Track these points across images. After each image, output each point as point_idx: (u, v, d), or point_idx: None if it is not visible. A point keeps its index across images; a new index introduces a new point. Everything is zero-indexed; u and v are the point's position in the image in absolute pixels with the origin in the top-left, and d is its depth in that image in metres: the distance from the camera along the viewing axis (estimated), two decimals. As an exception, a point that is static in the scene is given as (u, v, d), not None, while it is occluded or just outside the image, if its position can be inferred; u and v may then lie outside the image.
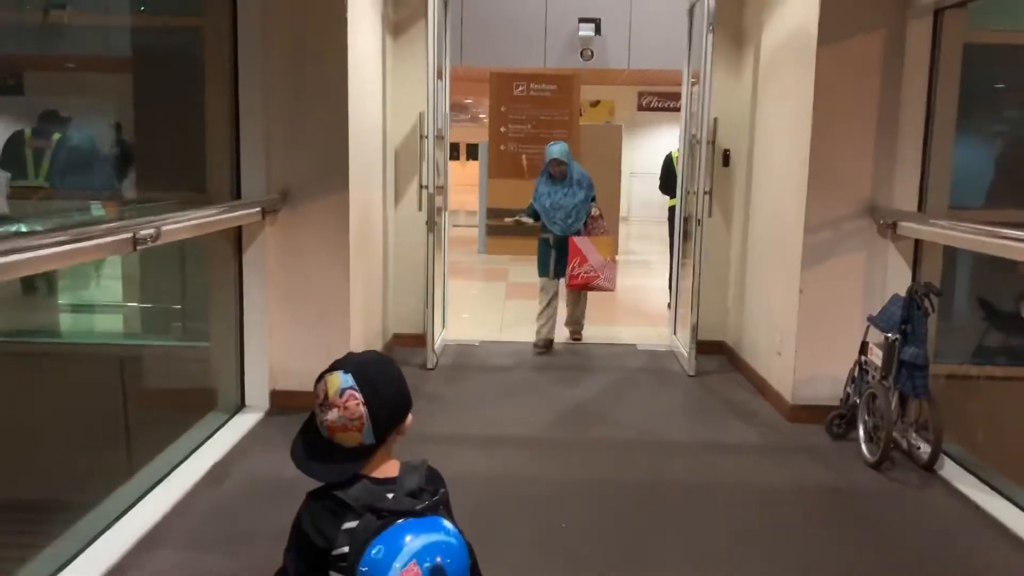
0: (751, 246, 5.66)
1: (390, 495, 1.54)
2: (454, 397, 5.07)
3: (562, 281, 6.22)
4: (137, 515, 3.29)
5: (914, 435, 4.08)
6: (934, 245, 4.41)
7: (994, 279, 4.96)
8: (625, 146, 13.63)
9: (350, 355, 1.70)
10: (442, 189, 5.83)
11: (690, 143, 6.03)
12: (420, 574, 1.45)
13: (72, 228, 2.71)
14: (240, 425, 4.40)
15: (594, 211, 6.18)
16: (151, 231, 2.98)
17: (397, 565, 1.43)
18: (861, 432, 4.15)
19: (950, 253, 4.56)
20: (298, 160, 4.54)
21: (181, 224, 3.32)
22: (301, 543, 1.56)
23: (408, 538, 1.47)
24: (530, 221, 6.28)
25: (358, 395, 1.58)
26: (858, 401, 4.27)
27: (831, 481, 3.89)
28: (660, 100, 19.39)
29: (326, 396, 1.59)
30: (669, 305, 6.98)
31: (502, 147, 12.11)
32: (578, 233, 6.08)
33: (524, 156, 12.15)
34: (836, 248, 4.57)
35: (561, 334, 6.53)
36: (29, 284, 4.57)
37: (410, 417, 1.70)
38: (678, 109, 19.86)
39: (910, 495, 3.75)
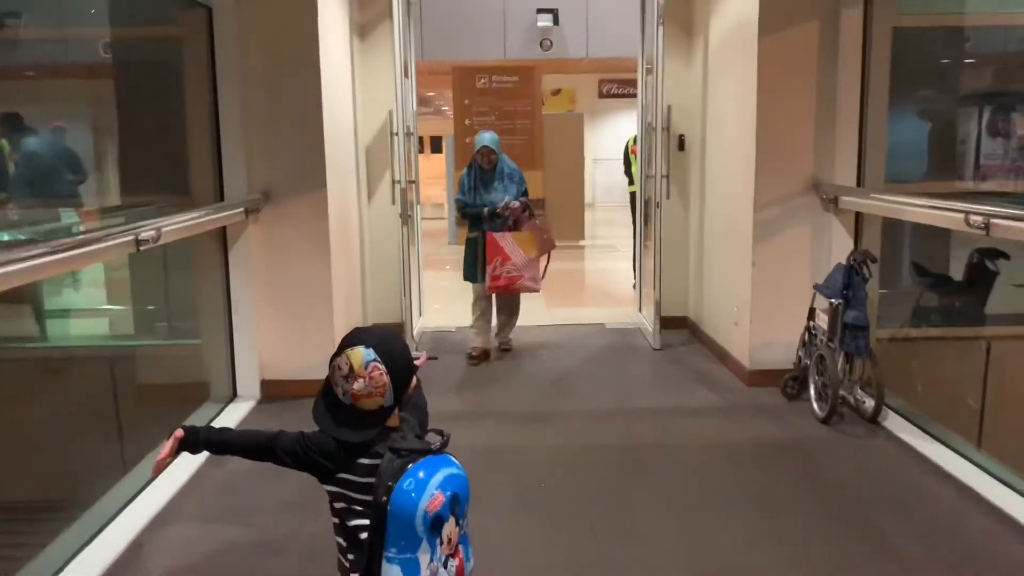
0: (707, 225, 6.01)
1: (402, 439, 1.84)
2: (435, 378, 5.36)
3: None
4: (149, 497, 3.56)
5: (859, 392, 4.45)
6: (874, 216, 4.77)
7: (927, 246, 5.34)
8: (587, 133, 13.98)
9: (359, 331, 1.96)
10: (413, 184, 6.09)
11: (647, 130, 6.34)
12: (444, 501, 1.75)
13: (80, 235, 2.96)
14: (234, 413, 4.66)
15: (513, 203, 5.53)
16: (152, 233, 3.23)
17: (427, 494, 1.73)
18: (812, 391, 4.52)
19: (889, 223, 4.93)
20: (277, 162, 4.80)
21: (178, 225, 3.58)
22: (307, 453, 1.85)
23: (426, 472, 1.77)
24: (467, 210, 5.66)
25: (381, 366, 1.85)
26: (808, 363, 4.63)
27: (786, 436, 4.25)
28: (620, 87, 19.69)
29: (351, 368, 1.83)
30: (634, 286, 7.31)
31: (468, 140, 12.38)
32: (505, 230, 5.54)
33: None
34: (784, 223, 4.92)
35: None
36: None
37: (415, 379, 1.99)
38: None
39: (857, 444, 4.12)
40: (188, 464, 3.90)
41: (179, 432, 1.92)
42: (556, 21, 11.91)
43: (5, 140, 4.88)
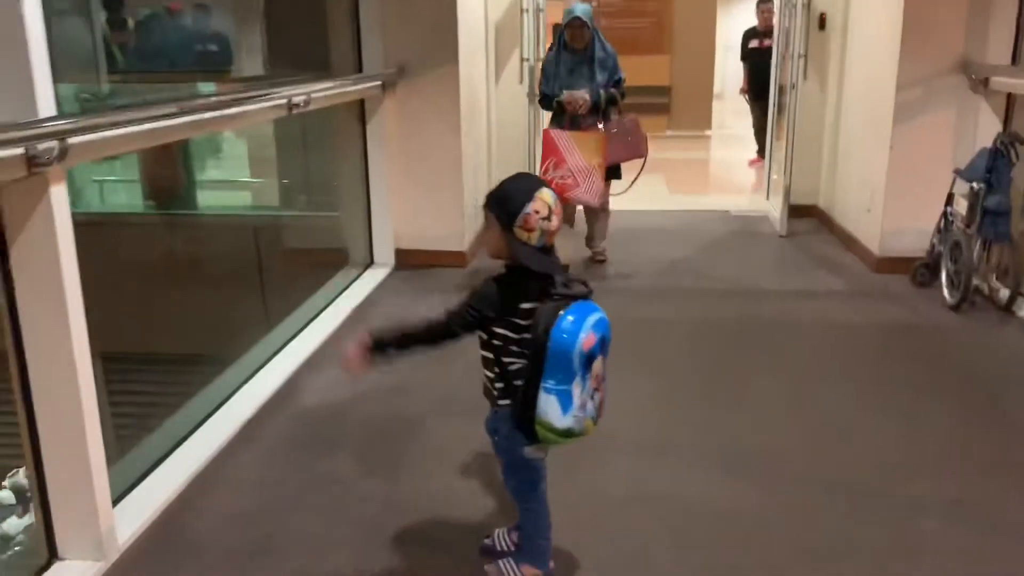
0: (845, 109, 5.80)
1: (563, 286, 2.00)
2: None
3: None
4: (300, 343, 3.91)
5: (995, 280, 4.33)
6: (1027, 98, 4.51)
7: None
8: (720, 19, 13.37)
9: (525, 178, 2.09)
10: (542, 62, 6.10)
11: (785, 5, 6.09)
12: (595, 340, 1.92)
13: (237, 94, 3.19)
14: (371, 279, 4.97)
15: (580, 94, 4.79)
16: (304, 97, 3.44)
17: (583, 332, 1.89)
18: (944, 278, 4.42)
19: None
20: (412, 37, 4.91)
21: (326, 92, 3.78)
22: (479, 317, 2.01)
23: (579, 315, 1.92)
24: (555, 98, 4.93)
25: (559, 203, 2.02)
26: (943, 251, 4.52)
27: (912, 319, 4.21)
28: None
29: (550, 209, 1.97)
30: (753, 160, 7.22)
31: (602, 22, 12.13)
32: (587, 128, 4.86)
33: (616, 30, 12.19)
34: (927, 105, 4.72)
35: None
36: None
37: None
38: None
39: (987, 331, 4.05)
40: (335, 316, 4.25)
41: (364, 336, 2.10)
42: None
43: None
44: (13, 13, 1.87)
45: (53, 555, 2.25)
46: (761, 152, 8.60)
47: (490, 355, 2.07)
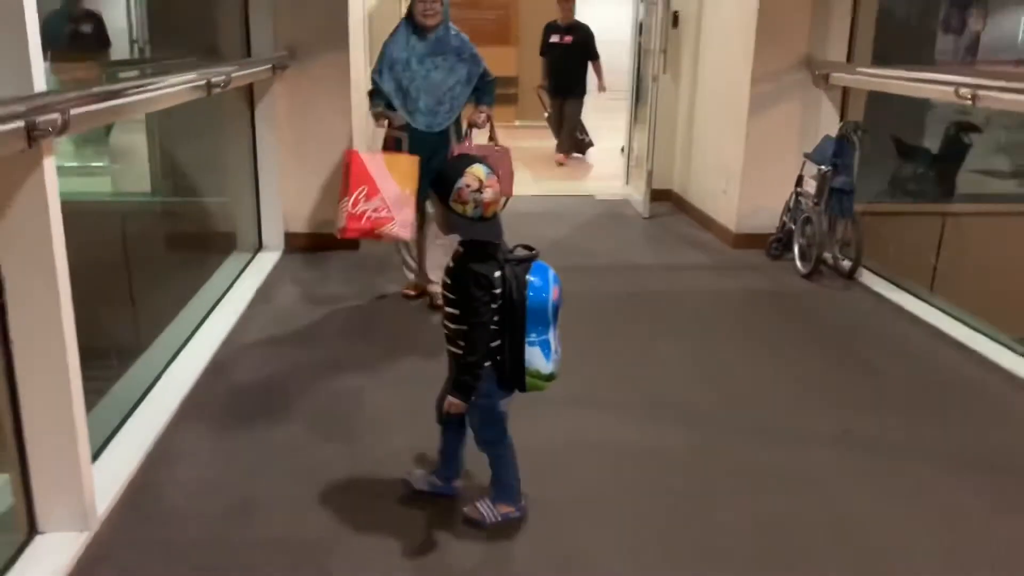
0: (699, 101, 6.35)
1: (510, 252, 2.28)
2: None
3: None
4: (212, 326, 3.91)
5: (838, 252, 4.96)
6: (859, 93, 5.17)
7: (904, 123, 5.80)
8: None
9: (462, 156, 2.35)
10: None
11: (645, 5, 6.57)
12: (559, 292, 2.25)
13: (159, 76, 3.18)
14: (264, 262, 4.98)
15: (480, 115, 4.06)
16: (223, 79, 3.47)
17: (551, 286, 2.23)
18: (796, 251, 5.01)
19: (870, 99, 5.34)
20: (302, 19, 4.95)
21: (240, 73, 3.81)
22: (483, 289, 2.19)
23: (541, 274, 2.26)
24: (383, 117, 4.00)
25: (494, 175, 2.23)
26: (793, 227, 5.11)
27: (773, 286, 4.77)
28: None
29: (480, 182, 2.18)
30: (623, 150, 7.69)
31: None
32: (449, 135, 4.05)
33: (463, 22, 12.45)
34: (777, 98, 5.30)
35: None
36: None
37: None
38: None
39: (837, 294, 4.66)
40: (237, 301, 4.27)
41: (456, 404, 2.25)
42: None
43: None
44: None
45: (33, 530, 2.25)
46: (562, 147, 8.88)
47: (463, 327, 2.25)
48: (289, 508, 2.50)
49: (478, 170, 2.20)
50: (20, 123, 1.89)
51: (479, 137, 4.19)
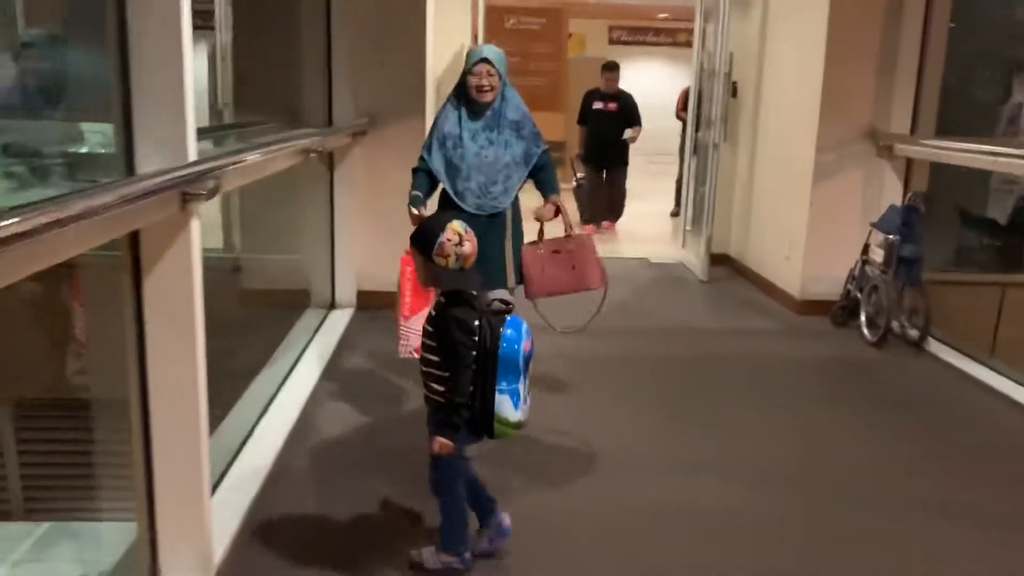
0: (759, 167, 6.46)
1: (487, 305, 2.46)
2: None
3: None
4: (296, 380, 4.04)
5: (905, 320, 4.98)
6: (922, 163, 5.25)
7: (970, 194, 5.85)
8: (608, 79, 14.19)
9: (439, 214, 2.56)
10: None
11: (705, 75, 6.74)
12: (530, 344, 2.39)
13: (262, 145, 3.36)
14: (338, 319, 5.12)
15: (549, 208, 3.57)
16: (319, 145, 3.65)
17: (523, 339, 2.36)
18: (863, 318, 5.04)
19: (934, 170, 5.40)
20: (382, 87, 5.17)
21: (331, 140, 4.00)
22: (465, 334, 2.31)
23: (515, 326, 2.37)
24: (417, 209, 3.40)
25: (470, 231, 2.38)
26: (859, 295, 5.15)
27: (842, 354, 4.79)
28: (629, 34, 19.87)
29: (460, 236, 2.33)
30: (673, 213, 7.75)
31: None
32: (504, 220, 3.55)
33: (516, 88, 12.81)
34: (841, 167, 5.39)
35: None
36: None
37: None
38: (648, 43, 20.15)
39: (906, 363, 4.67)
40: (320, 354, 4.39)
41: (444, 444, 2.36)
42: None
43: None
44: (176, 75, 2.06)
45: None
46: (592, 220, 8.23)
47: (442, 371, 2.38)
48: (388, 559, 2.56)
49: (457, 225, 2.37)
50: (176, 191, 2.03)
51: (552, 229, 3.70)
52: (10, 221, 1.39)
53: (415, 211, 3.35)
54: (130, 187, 1.79)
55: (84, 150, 3.09)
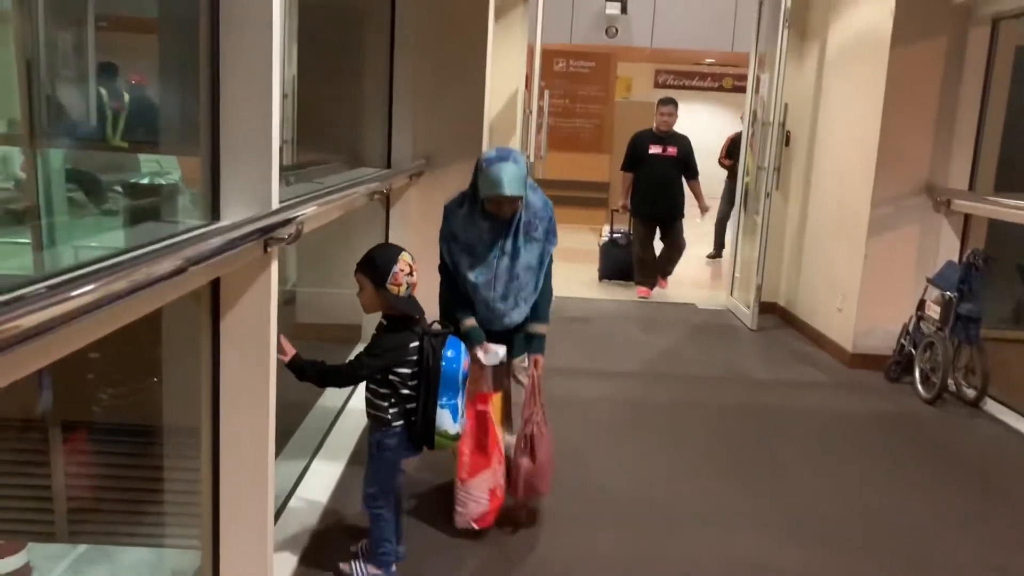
0: (811, 217, 6.43)
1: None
2: (560, 341, 5.84)
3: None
4: (352, 409, 4.09)
5: (962, 379, 4.90)
6: (980, 219, 5.20)
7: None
8: (655, 123, 14.29)
9: (386, 245, 2.71)
10: (541, 159, 6.56)
11: (758, 124, 6.76)
12: (468, 363, 2.61)
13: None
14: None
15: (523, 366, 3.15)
16: (382, 188, 3.74)
17: (461, 359, 2.56)
18: (918, 375, 4.96)
19: (992, 227, 5.34)
20: (439, 129, 5.27)
21: (395, 183, 4.08)
22: (386, 355, 2.52)
23: (454, 346, 2.58)
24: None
25: (415, 262, 2.62)
26: (913, 351, 5.08)
27: (896, 410, 4.72)
28: (676, 78, 19.94)
29: (410, 267, 2.58)
30: (711, 255, 7.56)
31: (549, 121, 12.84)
32: (515, 332, 3.15)
33: (561, 130, 13.01)
34: (897, 221, 5.36)
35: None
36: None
37: None
38: (693, 87, 20.18)
39: (962, 422, 4.58)
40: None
41: (286, 357, 2.50)
42: (624, 10, 12.30)
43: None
44: (264, 123, 2.14)
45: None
46: (645, 282, 7.51)
47: (387, 389, 2.57)
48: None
49: (407, 256, 2.61)
50: (260, 237, 2.10)
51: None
52: (92, 286, 1.34)
53: (466, 322, 3.04)
54: (218, 239, 1.84)
55: (145, 180, 3.22)
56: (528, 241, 3.01)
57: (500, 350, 3.02)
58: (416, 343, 2.54)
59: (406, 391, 2.57)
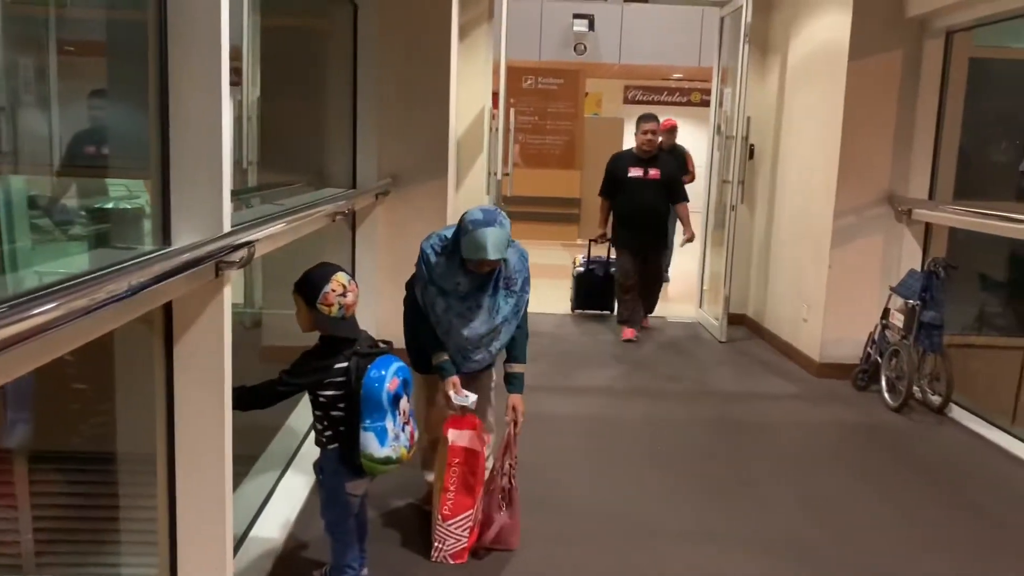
0: (776, 229, 6.49)
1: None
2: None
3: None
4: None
5: (927, 386, 4.95)
6: (941, 227, 5.27)
7: (987, 257, 5.85)
8: (626, 139, 14.40)
9: (324, 265, 2.58)
10: (508, 176, 6.56)
11: (722, 139, 6.82)
12: (399, 382, 2.46)
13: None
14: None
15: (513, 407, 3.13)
16: (343, 209, 3.72)
17: (387, 379, 2.41)
18: (884, 383, 5.01)
19: (952, 235, 5.42)
20: (406, 148, 5.26)
21: (360, 203, 4.06)
22: (304, 375, 2.50)
23: (383, 365, 2.45)
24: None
25: (353, 282, 2.55)
26: (879, 359, 5.12)
27: (864, 419, 4.75)
28: (645, 93, 20.12)
29: (344, 287, 2.49)
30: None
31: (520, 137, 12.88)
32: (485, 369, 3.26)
33: (531, 147, 13.06)
34: (859, 231, 5.42)
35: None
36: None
37: None
38: (662, 102, 20.30)
39: (928, 429, 4.62)
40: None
41: None
42: (592, 27, 12.42)
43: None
44: (214, 145, 2.12)
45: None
46: (630, 321, 6.51)
47: (319, 411, 2.55)
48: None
49: (341, 276, 2.51)
50: (212, 261, 2.08)
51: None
52: (46, 307, 1.37)
53: (439, 356, 3.06)
54: (167, 262, 1.81)
55: (109, 205, 3.18)
56: (507, 295, 3.07)
57: (471, 397, 3.01)
58: (344, 364, 2.48)
59: (336, 413, 2.51)
